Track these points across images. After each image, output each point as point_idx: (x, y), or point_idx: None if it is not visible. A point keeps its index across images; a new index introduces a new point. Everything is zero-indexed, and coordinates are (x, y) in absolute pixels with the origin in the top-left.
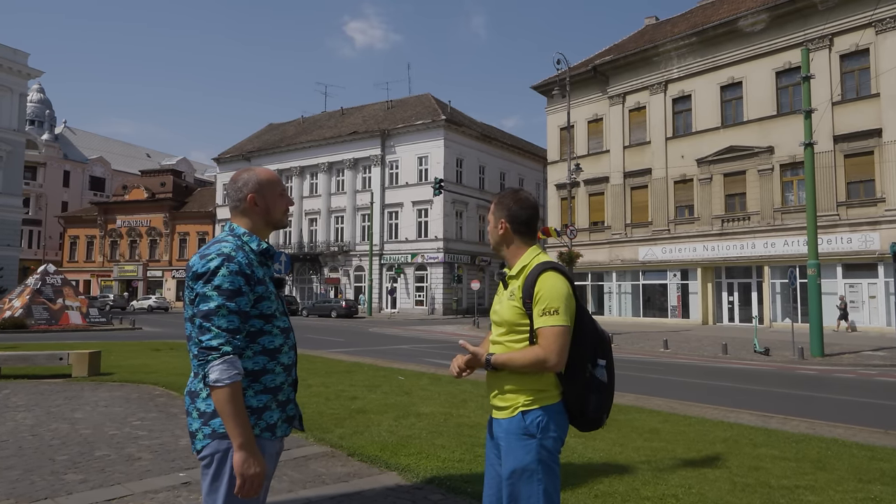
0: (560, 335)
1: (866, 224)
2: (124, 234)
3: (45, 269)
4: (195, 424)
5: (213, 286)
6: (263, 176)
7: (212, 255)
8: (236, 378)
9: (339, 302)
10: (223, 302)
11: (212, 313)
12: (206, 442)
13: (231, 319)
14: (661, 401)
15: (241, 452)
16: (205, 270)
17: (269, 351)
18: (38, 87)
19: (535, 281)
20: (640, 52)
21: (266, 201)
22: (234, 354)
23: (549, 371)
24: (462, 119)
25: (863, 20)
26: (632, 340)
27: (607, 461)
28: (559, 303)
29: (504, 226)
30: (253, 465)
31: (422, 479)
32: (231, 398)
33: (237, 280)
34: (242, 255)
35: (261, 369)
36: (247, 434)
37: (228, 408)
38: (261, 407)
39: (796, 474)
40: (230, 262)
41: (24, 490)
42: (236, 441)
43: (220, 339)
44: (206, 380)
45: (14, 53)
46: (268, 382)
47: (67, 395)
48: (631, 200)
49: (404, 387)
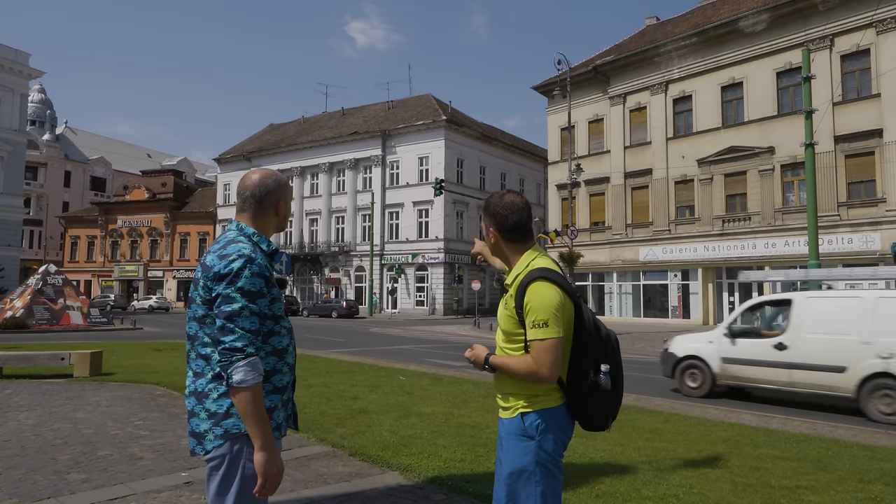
0: (550, 349)
1: (867, 224)
2: (125, 235)
3: (47, 269)
4: (204, 425)
5: (236, 287)
6: (284, 182)
7: (233, 255)
8: (258, 379)
9: (339, 302)
10: (246, 304)
11: (235, 314)
12: (217, 443)
13: (253, 321)
14: (662, 401)
15: (262, 452)
16: (228, 271)
17: (279, 351)
18: (39, 87)
19: (524, 291)
20: (640, 52)
21: (286, 204)
22: (256, 356)
23: (543, 383)
24: (463, 119)
25: (864, 20)
26: (632, 341)
27: (608, 461)
28: (547, 314)
29: (494, 234)
30: (275, 465)
31: (423, 478)
32: (254, 399)
33: (258, 282)
34: (260, 256)
35: (272, 369)
36: (268, 435)
37: (251, 408)
38: (272, 407)
39: (797, 474)
40: (252, 263)
41: (28, 489)
42: (258, 441)
43: (244, 341)
44: (229, 381)
45: (15, 54)
46: (277, 382)
47: (69, 395)
48: (632, 201)
49: (405, 387)
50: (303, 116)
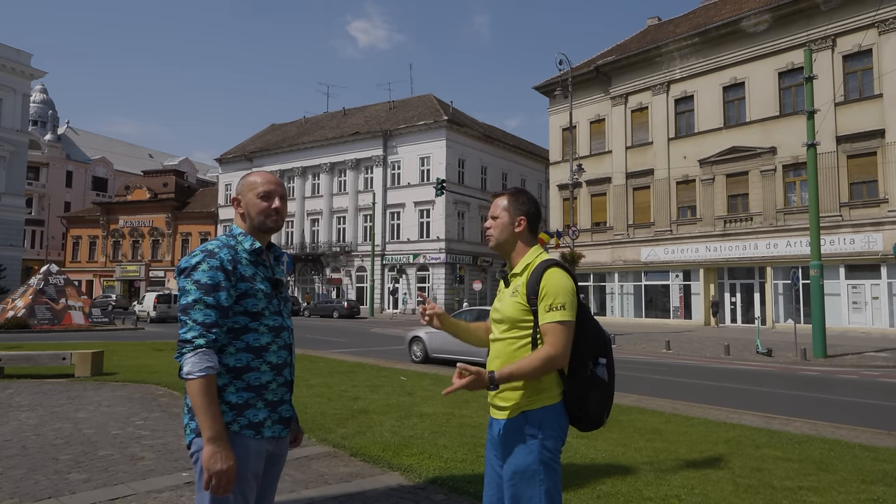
0: (567, 330)
1: (869, 225)
2: (127, 235)
3: (48, 269)
4: (185, 419)
5: (192, 280)
6: (249, 178)
7: (197, 251)
8: (209, 371)
9: (340, 302)
10: (201, 296)
11: (189, 307)
12: (191, 437)
13: (207, 313)
14: (664, 401)
15: (209, 446)
16: (186, 265)
17: (255, 349)
18: (40, 87)
19: (540, 277)
20: (642, 52)
21: (245, 203)
22: (208, 348)
23: (557, 367)
24: (464, 119)
25: (866, 21)
26: (634, 341)
27: (610, 462)
28: (565, 298)
29: (524, 223)
30: (221, 461)
31: (424, 479)
32: (202, 391)
33: (217, 275)
34: (227, 251)
35: (244, 366)
36: (217, 428)
37: (199, 400)
38: (241, 403)
39: (799, 475)
40: (211, 257)
41: (29, 489)
42: (206, 434)
43: (193, 332)
44: (179, 372)
45: (17, 54)
46: (251, 380)
47: (70, 395)
48: (633, 201)
49: (406, 387)
50: (304, 116)
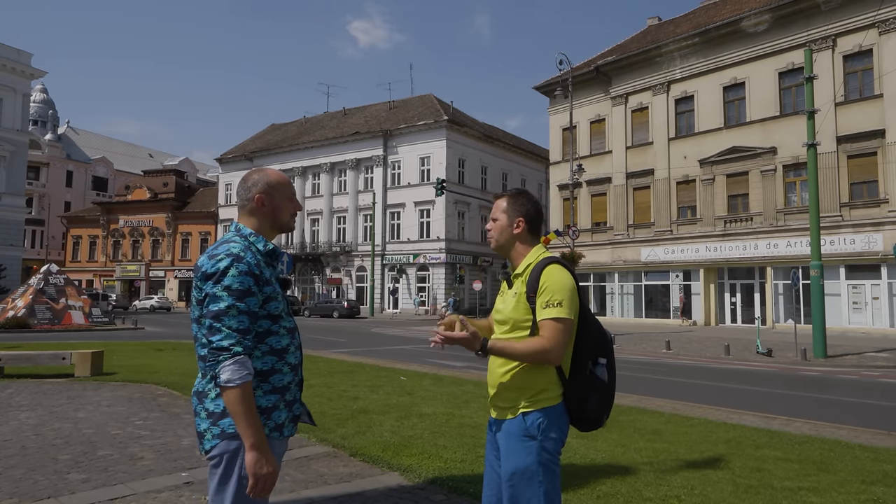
0: (563, 328)
1: (869, 225)
2: (127, 234)
3: (48, 268)
4: (203, 425)
5: (223, 286)
6: (273, 178)
7: (221, 255)
8: (247, 378)
9: (340, 302)
10: (233, 302)
11: (222, 313)
12: (214, 442)
13: (241, 320)
14: (664, 401)
15: (253, 452)
16: (214, 271)
17: (277, 351)
18: (41, 87)
19: (539, 273)
20: (642, 52)
21: (273, 203)
22: (244, 355)
23: (548, 364)
24: (464, 119)
25: (866, 21)
26: (634, 341)
27: (609, 462)
28: (563, 295)
29: (522, 224)
30: (266, 465)
31: (424, 479)
32: (242, 398)
33: (247, 280)
34: (251, 255)
35: (269, 369)
36: (259, 434)
37: (240, 408)
38: (270, 407)
39: (799, 476)
40: (239, 262)
41: (28, 489)
42: (248, 441)
43: (230, 340)
44: (216, 380)
45: (17, 54)
46: (276, 382)
47: (70, 395)
48: (633, 201)
49: (406, 387)
50: (304, 116)
